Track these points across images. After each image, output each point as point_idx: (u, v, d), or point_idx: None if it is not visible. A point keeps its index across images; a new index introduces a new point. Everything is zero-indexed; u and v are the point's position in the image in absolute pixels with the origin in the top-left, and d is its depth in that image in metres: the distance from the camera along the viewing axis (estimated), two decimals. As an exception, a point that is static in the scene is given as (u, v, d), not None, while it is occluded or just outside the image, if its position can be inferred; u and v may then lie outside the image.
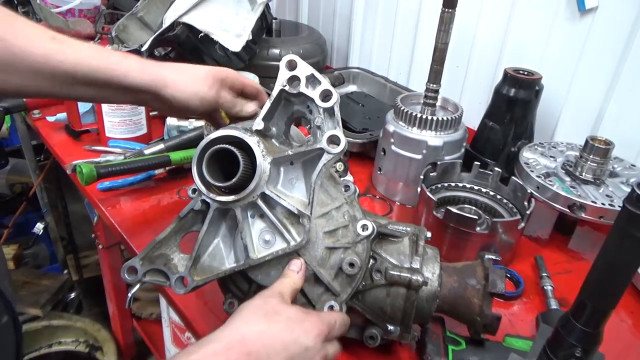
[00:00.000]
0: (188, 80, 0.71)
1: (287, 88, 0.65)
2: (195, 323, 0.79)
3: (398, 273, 0.66)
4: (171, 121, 1.20)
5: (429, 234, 0.71)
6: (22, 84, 0.67)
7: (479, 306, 0.68)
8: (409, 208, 1.12)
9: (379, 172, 1.16)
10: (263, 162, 0.61)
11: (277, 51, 1.55)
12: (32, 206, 2.11)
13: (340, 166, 1.18)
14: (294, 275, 0.62)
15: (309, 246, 0.63)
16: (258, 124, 0.65)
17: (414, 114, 1.06)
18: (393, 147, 1.09)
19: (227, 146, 0.60)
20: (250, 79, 1.23)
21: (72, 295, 2.08)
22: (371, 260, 0.67)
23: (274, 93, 0.65)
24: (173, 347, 1.45)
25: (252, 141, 0.61)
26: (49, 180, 2.03)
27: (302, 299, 0.65)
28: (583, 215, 0.92)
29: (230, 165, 0.60)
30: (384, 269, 0.66)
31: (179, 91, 0.71)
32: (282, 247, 0.62)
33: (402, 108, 1.08)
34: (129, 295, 1.30)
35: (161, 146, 1.11)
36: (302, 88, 0.64)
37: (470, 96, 1.41)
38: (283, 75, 0.64)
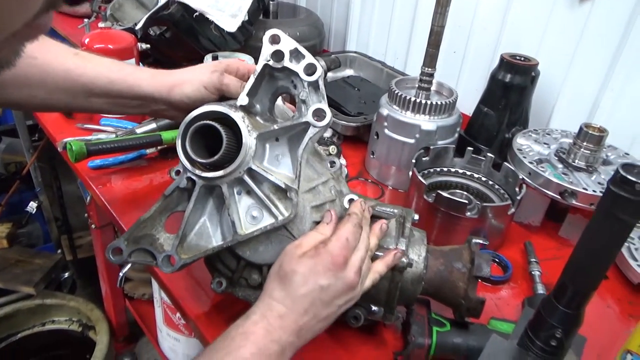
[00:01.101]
0: (193, 76, 0.76)
1: (271, 63, 0.64)
2: (183, 302, 0.79)
3: (383, 254, 0.66)
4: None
5: (416, 216, 0.71)
6: (45, 97, 0.75)
7: (464, 289, 0.68)
8: (401, 192, 1.11)
9: (372, 156, 1.15)
10: (249, 138, 0.60)
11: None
12: (26, 185, 2.11)
13: (333, 149, 1.18)
14: (324, 228, 0.62)
15: (297, 221, 0.63)
16: (242, 100, 0.64)
17: (407, 98, 1.05)
18: (386, 131, 1.09)
19: (210, 122, 0.60)
20: (246, 60, 1.23)
21: (66, 274, 2.08)
22: None
23: (258, 68, 0.64)
24: (165, 327, 1.46)
25: (237, 116, 0.60)
26: (43, 160, 2.02)
27: None
28: (574, 202, 0.92)
29: (216, 142, 0.60)
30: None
31: (187, 88, 0.75)
32: (270, 222, 0.62)
33: (396, 92, 1.07)
34: (120, 274, 1.31)
35: (153, 125, 1.10)
36: (286, 62, 0.63)
37: (467, 82, 1.40)
38: (266, 50, 0.63)
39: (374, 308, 0.69)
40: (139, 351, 1.86)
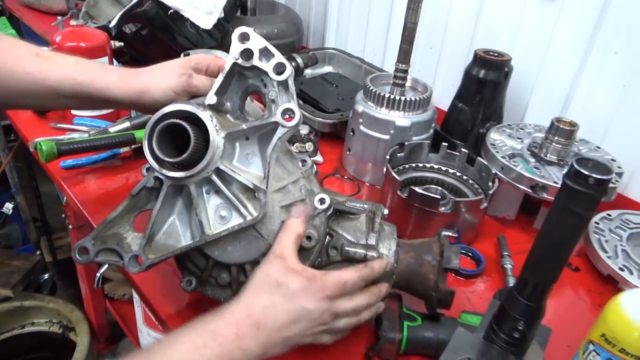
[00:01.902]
0: (160, 79, 0.74)
1: (240, 61, 0.63)
2: (155, 302, 0.78)
3: (353, 249, 0.66)
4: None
5: (385, 211, 0.71)
6: (11, 100, 0.73)
7: (434, 281, 0.68)
8: (378, 189, 1.12)
9: (348, 153, 1.15)
10: (216, 137, 0.60)
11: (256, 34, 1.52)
12: (2, 186, 2.07)
13: (309, 146, 1.18)
14: (294, 224, 0.62)
15: (266, 221, 0.63)
16: (210, 99, 0.64)
17: (382, 94, 1.05)
18: (362, 128, 1.09)
19: (177, 121, 0.59)
20: (223, 57, 1.21)
21: (46, 276, 2.06)
22: (327, 237, 0.67)
23: (227, 66, 0.64)
24: (145, 327, 1.45)
25: (205, 116, 0.60)
26: (19, 160, 1.99)
27: None
28: (545, 195, 0.94)
29: (185, 141, 0.59)
30: (339, 246, 0.66)
31: (156, 93, 0.73)
32: (238, 223, 0.62)
33: (371, 88, 1.07)
34: (98, 275, 1.29)
35: (127, 124, 1.09)
36: (256, 61, 0.63)
37: (444, 78, 1.40)
38: (235, 48, 0.63)
39: None
40: (121, 352, 1.85)
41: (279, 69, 0.64)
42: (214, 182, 0.62)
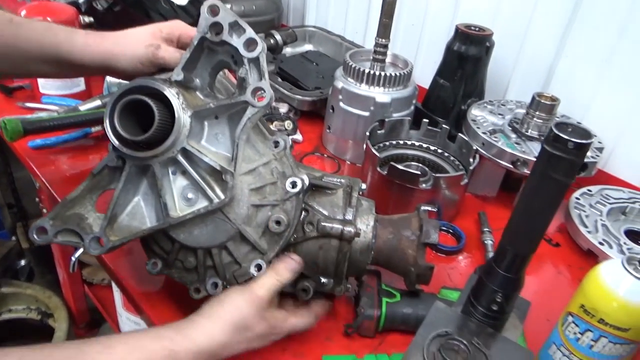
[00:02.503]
0: (126, 47, 0.71)
1: (208, 36, 0.60)
2: (127, 284, 0.76)
3: (330, 224, 0.64)
4: (112, 77, 1.14)
5: (363, 186, 0.70)
6: None
7: (413, 257, 0.67)
8: (359, 166, 1.10)
9: (328, 131, 1.13)
10: (182, 115, 0.57)
11: (227, 7, 1.47)
12: (-25, 171, 2.01)
13: (289, 125, 1.15)
14: (282, 270, 0.63)
15: (234, 204, 0.60)
16: (177, 74, 0.61)
17: (362, 70, 1.03)
18: (341, 104, 1.07)
19: (140, 97, 0.56)
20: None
21: (22, 262, 2.01)
22: (303, 213, 0.65)
23: (195, 41, 0.61)
24: (124, 311, 1.43)
25: (170, 93, 0.57)
26: (-9, 144, 1.92)
27: (228, 257, 0.63)
28: (526, 170, 0.93)
29: (150, 119, 0.56)
30: (316, 221, 0.64)
31: (122, 61, 0.70)
32: (205, 206, 0.59)
33: (350, 64, 1.05)
34: (73, 259, 1.26)
35: (98, 102, 1.05)
36: (225, 36, 0.60)
37: (426, 54, 1.38)
38: (204, 21, 0.60)
39: (323, 280, 0.67)
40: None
41: (250, 45, 0.60)
42: (180, 163, 0.59)
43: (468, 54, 1.08)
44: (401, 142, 1.05)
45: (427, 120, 1.04)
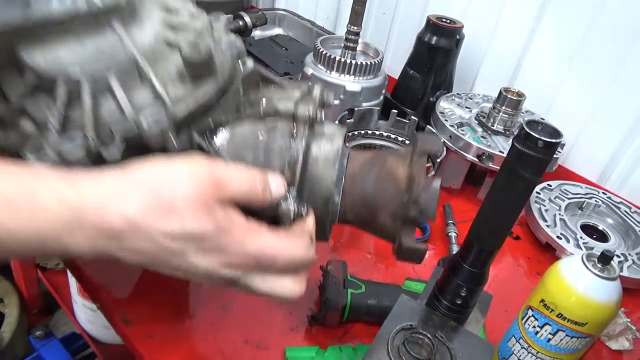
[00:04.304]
0: None
1: None
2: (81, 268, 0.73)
3: (281, 102, 0.48)
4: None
5: (332, 97, 0.53)
6: None
7: (407, 177, 0.46)
8: (326, 155, 1.09)
9: (296, 118, 1.11)
10: None
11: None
12: None
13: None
14: (254, 186, 0.41)
15: (134, 22, 0.42)
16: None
17: (332, 57, 1.01)
18: (311, 91, 1.05)
19: None
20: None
21: (-30, 245, 1.91)
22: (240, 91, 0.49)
23: None
24: (80, 297, 1.38)
25: None
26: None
27: (112, 103, 0.41)
28: (491, 164, 0.94)
29: None
30: (259, 100, 0.48)
31: None
32: (83, 5, 0.39)
33: (321, 50, 1.03)
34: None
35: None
36: None
37: (397, 44, 1.38)
38: None
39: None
40: (56, 323, 1.76)
41: None
42: None
43: (438, 45, 1.08)
44: (370, 132, 1.05)
45: (396, 111, 1.03)
